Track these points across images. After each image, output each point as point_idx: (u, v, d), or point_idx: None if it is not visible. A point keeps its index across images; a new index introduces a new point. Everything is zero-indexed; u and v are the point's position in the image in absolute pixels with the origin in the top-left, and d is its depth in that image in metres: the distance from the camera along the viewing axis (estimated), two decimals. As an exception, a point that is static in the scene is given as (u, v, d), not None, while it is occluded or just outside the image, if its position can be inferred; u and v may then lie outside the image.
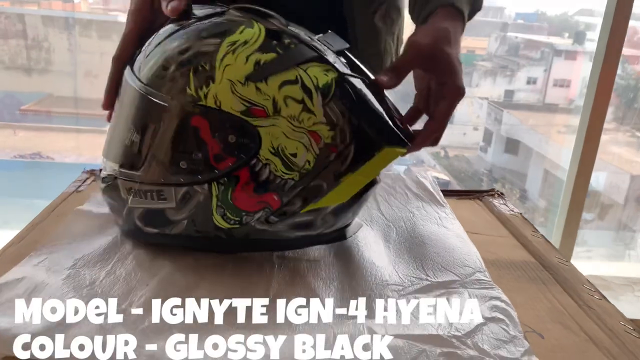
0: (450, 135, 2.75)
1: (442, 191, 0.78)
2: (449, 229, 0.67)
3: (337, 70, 0.49)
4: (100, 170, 0.58)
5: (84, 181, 0.80)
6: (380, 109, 0.51)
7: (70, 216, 0.64)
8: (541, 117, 2.95)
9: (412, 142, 0.52)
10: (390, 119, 0.51)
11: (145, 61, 0.51)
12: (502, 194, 0.83)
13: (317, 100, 0.48)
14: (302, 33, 0.51)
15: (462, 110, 2.75)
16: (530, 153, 2.86)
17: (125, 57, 0.54)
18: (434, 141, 0.56)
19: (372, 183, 0.54)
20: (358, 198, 0.54)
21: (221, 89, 0.47)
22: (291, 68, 0.47)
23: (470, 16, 0.60)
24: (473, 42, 2.58)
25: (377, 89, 0.52)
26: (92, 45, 2.32)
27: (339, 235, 0.57)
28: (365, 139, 0.49)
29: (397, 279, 0.54)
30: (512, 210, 0.78)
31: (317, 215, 0.52)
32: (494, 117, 2.91)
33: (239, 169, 0.48)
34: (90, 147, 2.48)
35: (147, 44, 0.53)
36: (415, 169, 0.82)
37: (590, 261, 2.33)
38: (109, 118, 0.57)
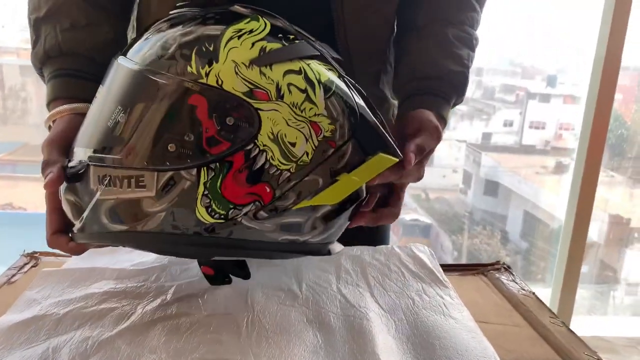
0: (430, 177, 2.75)
1: (443, 267, 0.71)
2: (457, 320, 0.59)
3: (337, 70, 0.50)
4: (39, 254, 0.53)
5: (21, 268, 0.68)
6: (378, 121, 0.51)
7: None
8: (519, 158, 2.98)
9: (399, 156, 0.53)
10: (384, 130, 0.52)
11: (142, 45, 0.49)
12: (508, 267, 0.76)
13: (319, 93, 0.48)
14: (305, 34, 0.51)
15: (442, 153, 2.77)
16: (509, 194, 2.88)
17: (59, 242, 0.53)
18: (417, 178, 0.58)
19: (357, 197, 0.53)
20: (343, 211, 0.53)
21: (224, 69, 0.45)
22: (295, 60, 0.47)
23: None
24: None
25: (370, 104, 0.52)
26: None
27: (323, 250, 0.54)
28: (362, 140, 0.50)
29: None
30: (524, 289, 0.70)
31: (307, 218, 0.50)
32: (472, 159, 2.94)
33: (233, 154, 0.45)
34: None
35: (145, 33, 0.50)
36: (411, 243, 0.76)
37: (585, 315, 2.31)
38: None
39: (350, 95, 0.50)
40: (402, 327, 0.57)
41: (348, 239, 0.59)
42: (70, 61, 0.62)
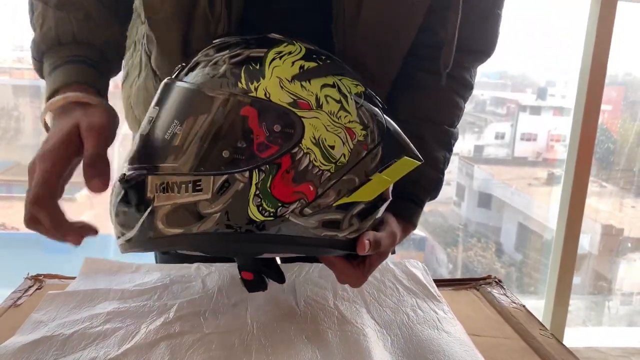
0: (424, 190, 2.76)
1: (436, 281, 0.74)
2: (450, 333, 0.61)
3: (362, 85, 0.57)
4: (44, 277, 0.55)
5: (26, 290, 0.68)
6: (396, 127, 0.57)
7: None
8: (511, 170, 3.01)
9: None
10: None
11: (192, 67, 0.55)
12: (499, 281, 0.78)
13: (352, 103, 0.54)
14: (333, 57, 0.57)
15: (434, 166, 2.78)
16: (503, 206, 2.90)
17: (46, 198, 0.52)
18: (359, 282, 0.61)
19: (384, 200, 0.59)
20: (375, 209, 0.58)
21: (270, 84, 0.52)
22: (329, 76, 0.54)
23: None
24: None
25: (389, 113, 0.58)
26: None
27: (353, 246, 0.57)
28: (389, 144, 0.56)
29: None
30: (514, 302, 0.72)
31: (345, 215, 0.55)
32: (465, 172, 2.96)
33: (281, 156, 0.51)
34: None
35: (193, 59, 0.56)
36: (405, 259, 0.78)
37: (579, 325, 2.32)
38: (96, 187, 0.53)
39: (378, 103, 0.57)
40: (398, 342, 0.59)
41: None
42: (86, 50, 0.63)
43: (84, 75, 0.61)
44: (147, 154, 0.53)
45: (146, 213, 0.52)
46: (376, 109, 0.56)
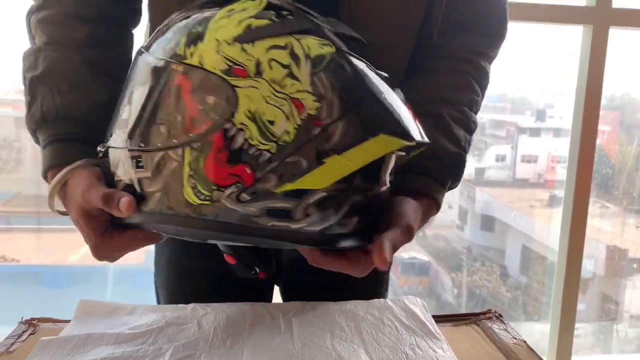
0: (426, 214, 2.76)
1: (435, 317, 0.72)
2: None
3: (335, 46, 0.47)
4: (38, 321, 0.57)
5: (19, 336, 0.66)
6: (390, 100, 0.47)
7: None
8: (513, 192, 3.00)
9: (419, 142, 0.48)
10: (402, 113, 0.48)
11: (164, 32, 0.52)
12: (500, 315, 0.77)
13: (304, 68, 0.46)
14: (309, 10, 0.50)
15: (436, 190, 2.77)
16: (506, 229, 2.88)
17: (103, 247, 0.56)
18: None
19: (369, 186, 0.50)
20: (345, 199, 0.48)
21: (207, 48, 0.46)
22: (283, 35, 0.46)
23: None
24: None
25: (386, 80, 0.49)
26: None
27: (323, 240, 0.49)
28: (358, 119, 0.46)
29: None
30: (515, 338, 0.71)
31: (297, 204, 0.47)
32: (467, 195, 2.96)
33: (212, 132, 0.45)
34: (57, 247, 2.42)
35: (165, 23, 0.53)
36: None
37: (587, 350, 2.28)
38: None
39: (348, 70, 0.47)
40: (397, 385, 0.58)
41: (349, 281, 0.58)
42: (67, 125, 0.61)
43: (64, 156, 0.59)
44: (110, 124, 0.54)
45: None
46: (348, 75, 0.46)
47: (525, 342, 0.70)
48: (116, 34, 0.67)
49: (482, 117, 2.94)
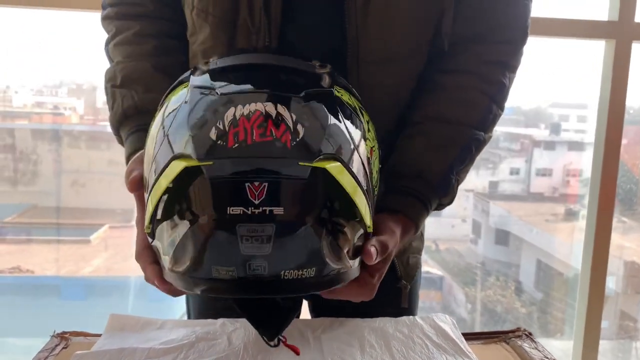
0: (439, 227, 2.74)
1: (465, 335, 0.71)
2: None
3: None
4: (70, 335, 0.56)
5: (52, 350, 0.65)
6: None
7: None
8: (527, 206, 2.98)
9: None
10: None
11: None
12: (530, 333, 0.76)
13: None
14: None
15: (450, 203, 2.76)
16: (521, 243, 2.85)
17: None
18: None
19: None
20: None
21: None
22: None
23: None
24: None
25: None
26: (80, 155, 2.35)
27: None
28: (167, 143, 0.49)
29: None
30: (547, 357, 0.69)
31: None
32: (480, 208, 2.93)
33: None
34: (71, 259, 2.43)
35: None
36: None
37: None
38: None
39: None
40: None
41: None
42: (145, 117, 0.63)
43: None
44: None
45: None
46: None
47: (556, 360, 0.69)
48: (174, 45, 0.73)
49: (496, 129, 2.92)
